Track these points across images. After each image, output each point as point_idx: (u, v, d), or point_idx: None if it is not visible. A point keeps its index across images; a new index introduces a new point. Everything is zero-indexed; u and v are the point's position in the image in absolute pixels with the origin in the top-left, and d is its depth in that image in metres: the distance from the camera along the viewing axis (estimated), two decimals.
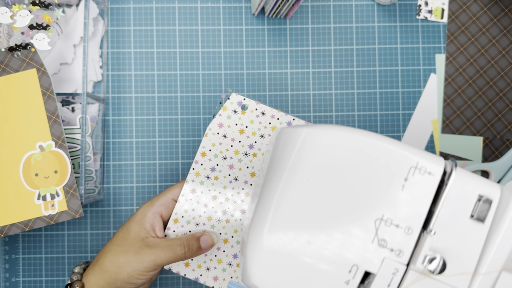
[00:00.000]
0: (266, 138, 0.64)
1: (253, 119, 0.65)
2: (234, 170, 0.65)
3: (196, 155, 0.65)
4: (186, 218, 0.64)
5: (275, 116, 0.64)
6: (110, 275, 0.59)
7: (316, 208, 0.44)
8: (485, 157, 0.75)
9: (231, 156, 0.65)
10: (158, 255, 0.58)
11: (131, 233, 0.61)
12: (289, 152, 0.46)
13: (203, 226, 0.64)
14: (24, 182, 0.64)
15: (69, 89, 0.71)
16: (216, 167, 0.65)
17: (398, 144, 0.44)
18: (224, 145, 0.65)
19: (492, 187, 0.43)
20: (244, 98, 0.65)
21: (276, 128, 0.64)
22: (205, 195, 0.65)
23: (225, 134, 0.65)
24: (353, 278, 0.43)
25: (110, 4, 0.74)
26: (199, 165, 0.65)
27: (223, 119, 0.65)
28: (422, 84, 0.75)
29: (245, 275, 0.45)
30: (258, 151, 0.65)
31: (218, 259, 0.64)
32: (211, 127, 0.65)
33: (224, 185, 0.65)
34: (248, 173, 0.65)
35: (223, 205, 0.65)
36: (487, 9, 0.76)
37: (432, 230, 0.43)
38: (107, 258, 0.60)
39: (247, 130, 0.65)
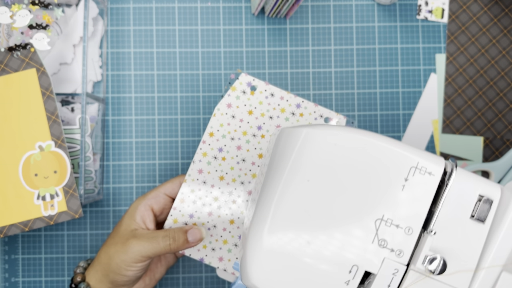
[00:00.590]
0: (275, 119, 0.64)
1: (262, 100, 0.64)
2: (242, 151, 0.64)
3: (203, 135, 0.65)
4: (192, 198, 0.64)
5: (284, 97, 0.64)
6: (104, 266, 0.60)
7: (316, 208, 0.44)
8: (486, 157, 0.75)
9: (239, 137, 0.64)
10: (143, 245, 0.58)
11: (122, 225, 0.61)
12: (289, 152, 0.46)
13: (209, 207, 0.64)
14: (24, 182, 0.64)
15: (68, 89, 0.71)
16: (223, 147, 0.64)
17: (398, 144, 0.44)
18: (232, 125, 0.64)
19: (493, 187, 0.43)
20: (254, 79, 0.64)
21: (285, 110, 0.64)
22: (211, 176, 0.64)
23: (234, 114, 0.64)
24: (353, 278, 0.43)
25: (110, 4, 0.74)
26: (206, 145, 0.64)
27: (231, 99, 0.64)
28: (422, 84, 0.75)
29: (245, 275, 0.45)
30: (266, 132, 0.64)
31: (224, 239, 0.64)
32: (220, 107, 0.64)
33: (231, 166, 0.64)
34: (256, 155, 0.64)
35: (229, 186, 0.64)
36: (488, 9, 0.76)
37: (432, 230, 0.43)
38: (102, 250, 0.61)
39: (255, 111, 0.64)
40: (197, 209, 0.64)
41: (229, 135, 0.64)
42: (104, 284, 0.60)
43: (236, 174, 0.64)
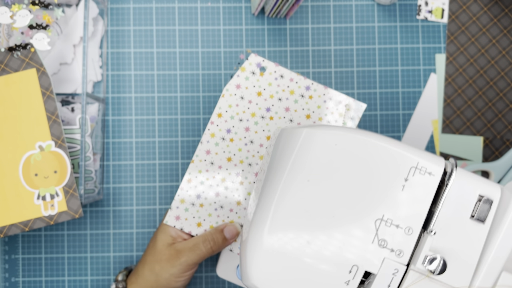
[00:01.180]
0: (284, 101, 0.64)
1: (271, 82, 0.64)
2: (250, 132, 0.64)
3: (211, 116, 0.64)
4: (200, 179, 0.64)
5: (294, 79, 0.64)
6: (151, 283, 0.62)
7: (316, 208, 0.44)
8: (485, 157, 0.75)
9: (248, 119, 0.64)
10: (188, 256, 0.61)
11: (157, 241, 0.64)
12: (289, 152, 0.46)
13: (216, 188, 0.64)
14: (24, 182, 0.64)
15: (68, 89, 0.71)
16: (232, 128, 0.64)
17: (398, 144, 0.44)
18: (241, 106, 0.64)
19: (493, 187, 0.43)
20: (263, 60, 0.64)
21: (294, 92, 0.64)
22: (219, 157, 0.64)
23: (242, 95, 0.64)
24: (353, 278, 0.43)
25: (110, 4, 0.74)
26: (214, 126, 0.64)
27: (241, 80, 0.64)
28: (422, 84, 0.75)
29: (245, 275, 0.45)
30: (275, 114, 0.64)
31: (231, 220, 0.64)
32: (228, 88, 0.64)
33: (239, 148, 0.64)
34: (264, 136, 0.64)
35: (237, 167, 0.64)
36: (487, 9, 0.76)
37: (432, 230, 0.43)
38: (144, 268, 0.63)
39: (264, 93, 0.64)
40: (204, 189, 0.64)
41: (238, 116, 0.64)
42: None
43: (244, 156, 0.64)
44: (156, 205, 0.74)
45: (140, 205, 0.74)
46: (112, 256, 0.73)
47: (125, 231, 0.74)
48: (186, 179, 0.64)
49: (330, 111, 0.64)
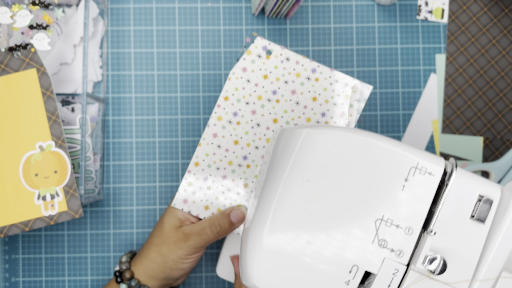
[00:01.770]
0: (290, 84, 0.64)
1: (277, 65, 0.64)
2: (257, 115, 0.64)
3: (218, 99, 0.64)
4: (207, 162, 0.64)
5: (300, 62, 0.64)
6: (158, 265, 0.63)
7: (317, 208, 0.44)
8: (485, 157, 0.75)
9: (254, 102, 0.64)
10: (195, 240, 0.62)
11: (165, 224, 0.64)
12: (289, 152, 0.46)
13: (223, 171, 0.64)
14: (24, 182, 0.64)
15: (69, 89, 0.71)
16: (238, 112, 0.64)
17: (398, 145, 0.44)
18: (247, 89, 0.64)
19: (493, 187, 0.43)
20: (269, 43, 0.64)
21: (300, 74, 0.64)
22: (226, 140, 0.64)
23: (249, 78, 0.64)
24: (353, 278, 0.43)
25: (110, 4, 0.74)
26: (221, 109, 0.64)
27: (247, 63, 0.64)
28: (422, 84, 0.75)
29: (245, 276, 0.45)
30: (281, 97, 0.64)
31: (238, 203, 0.64)
32: (235, 71, 0.64)
33: (246, 131, 0.64)
34: (271, 119, 0.64)
35: (244, 151, 0.64)
36: (487, 9, 0.76)
37: (432, 231, 0.43)
38: (151, 250, 0.64)
39: (270, 76, 0.64)
40: (212, 172, 0.64)
41: (244, 100, 0.64)
42: (156, 280, 0.64)
43: (251, 139, 0.64)
44: (156, 205, 0.74)
45: (140, 205, 0.74)
46: (112, 256, 0.74)
47: (125, 231, 0.74)
48: (193, 162, 0.64)
49: (336, 93, 0.63)
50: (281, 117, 0.64)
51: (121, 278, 0.65)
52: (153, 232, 0.65)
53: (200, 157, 0.64)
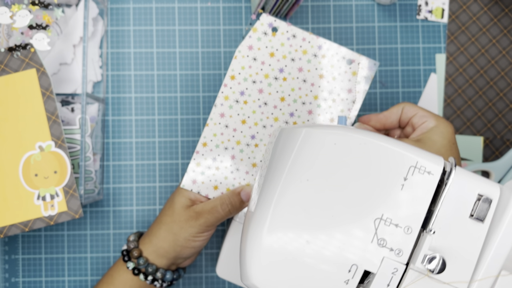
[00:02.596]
0: (297, 61, 0.63)
1: (284, 42, 0.63)
2: (264, 94, 0.64)
3: (224, 78, 0.64)
4: (215, 142, 0.64)
5: (306, 39, 0.63)
6: (169, 243, 0.64)
7: (316, 207, 0.44)
8: (486, 157, 0.75)
9: (261, 80, 0.64)
10: (206, 218, 0.62)
11: (175, 203, 0.64)
12: (288, 151, 0.46)
13: (231, 150, 0.64)
14: (24, 183, 0.64)
15: (68, 89, 0.71)
16: (245, 91, 0.64)
17: (398, 144, 0.44)
18: (254, 68, 0.64)
19: (492, 186, 0.43)
20: (275, 20, 0.63)
21: (307, 51, 0.63)
22: (234, 120, 0.64)
23: (255, 57, 0.64)
24: (352, 277, 0.43)
25: (110, 4, 0.74)
26: (228, 89, 0.64)
27: (253, 41, 0.63)
28: (422, 84, 0.75)
29: (244, 275, 0.45)
30: (288, 75, 0.63)
31: (247, 183, 0.64)
32: (241, 49, 0.63)
33: (253, 110, 0.64)
34: (278, 98, 0.64)
35: (252, 130, 0.64)
36: (488, 9, 0.76)
37: (431, 230, 0.43)
38: (161, 229, 0.64)
39: (277, 53, 0.63)
40: (220, 152, 0.64)
41: (251, 78, 0.64)
42: (165, 259, 0.65)
43: (258, 118, 0.64)
44: (156, 205, 0.74)
45: (140, 205, 0.74)
46: (112, 256, 0.74)
47: (125, 231, 0.74)
48: (201, 142, 0.64)
49: (343, 70, 0.63)
50: (288, 95, 0.63)
51: (128, 256, 0.65)
52: (163, 212, 0.65)
53: (208, 138, 0.64)
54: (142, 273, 0.64)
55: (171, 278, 0.66)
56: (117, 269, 0.66)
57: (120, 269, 0.66)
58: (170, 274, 0.65)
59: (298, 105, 0.64)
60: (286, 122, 0.64)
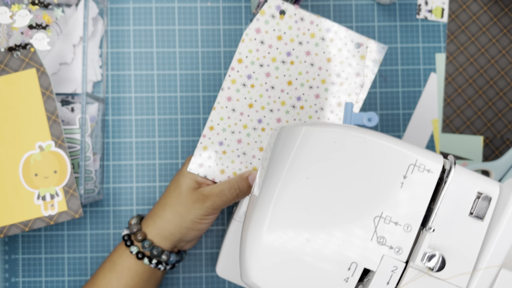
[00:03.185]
0: (304, 45, 0.62)
1: (292, 25, 0.62)
2: (271, 78, 0.63)
3: (232, 61, 0.63)
4: (222, 126, 0.64)
5: (314, 22, 0.62)
6: (174, 225, 0.63)
7: (315, 206, 0.44)
8: (486, 157, 0.75)
9: (268, 64, 0.63)
10: (214, 201, 0.62)
11: (182, 186, 0.64)
12: (288, 149, 0.46)
13: (238, 134, 0.64)
14: (24, 182, 0.64)
15: (68, 89, 0.71)
16: (252, 74, 0.63)
17: (397, 142, 0.44)
18: (261, 51, 0.63)
19: (491, 184, 0.43)
20: (283, 2, 0.62)
21: (315, 35, 0.62)
22: (240, 103, 0.63)
23: (263, 40, 0.63)
24: (352, 275, 0.43)
25: (110, 4, 0.74)
26: (235, 72, 0.63)
27: (260, 24, 0.63)
28: (422, 84, 0.75)
29: (244, 273, 0.45)
30: (295, 58, 0.63)
31: (253, 167, 0.64)
32: (248, 33, 0.63)
33: (260, 93, 0.63)
34: (285, 82, 0.63)
35: (259, 114, 0.63)
36: (487, 9, 0.76)
37: (431, 228, 0.43)
38: (166, 211, 0.64)
39: (285, 37, 0.63)
40: (227, 136, 0.64)
41: (258, 62, 0.63)
42: (169, 242, 0.64)
43: (265, 102, 0.63)
44: None
45: (140, 205, 0.74)
46: None
47: None
48: (208, 126, 0.64)
49: (351, 53, 0.63)
50: (296, 79, 0.63)
51: (130, 241, 0.64)
52: (168, 194, 0.65)
53: (214, 121, 0.64)
54: (146, 257, 0.64)
55: (175, 260, 0.65)
56: (118, 255, 0.65)
57: (122, 254, 0.65)
58: (174, 256, 0.65)
59: (305, 89, 0.63)
60: (293, 106, 0.63)
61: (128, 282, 0.64)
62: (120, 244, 0.66)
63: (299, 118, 0.63)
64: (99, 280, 0.65)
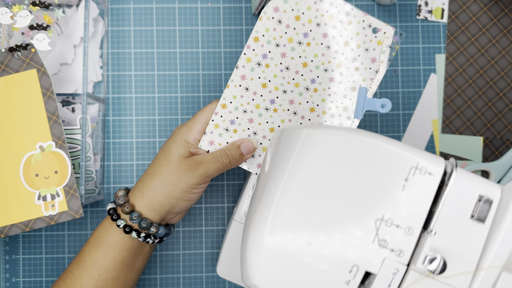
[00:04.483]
0: (322, 27, 0.61)
1: (311, 6, 0.61)
2: (286, 58, 0.62)
3: (248, 40, 0.62)
4: (234, 104, 0.63)
5: (334, 4, 0.61)
6: (164, 195, 0.61)
7: (317, 208, 0.44)
8: (485, 157, 0.75)
9: (284, 44, 0.62)
10: (207, 167, 0.60)
11: (173, 154, 0.61)
12: (290, 152, 0.46)
13: (250, 114, 0.63)
14: (25, 183, 0.64)
15: (69, 90, 0.71)
16: (268, 54, 0.62)
17: (399, 145, 0.44)
18: (278, 31, 0.61)
19: (493, 187, 0.43)
20: None
21: (333, 17, 0.61)
22: (254, 83, 0.62)
23: (280, 19, 0.61)
24: (353, 278, 0.43)
25: (110, 4, 0.74)
26: (250, 51, 0.62)
27: (279, 2, 0.61)
28: (422, 84, 0.75)
29: (245, 275, 0.45)
30: (312, 40, 0.62)
31: (263, 147, 0.63)
32: (266, 11, 0.61)
33: (274, 74, 0.62)
34: (300, 63, 0.62)
35: (272, 94, 0.62)
36: (487, 9, 0.76)
37: (432, 230, 0.43)
38: (156, 180, 0.61)
39: (303, 17, 0.61)
40: (238, 115, 0.63)
41: (274, 41, 0.62)
42: (158, 213, 0.61)
43: (279, 82, 0.62)
44: None
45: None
46: None
47: None
48: (221, 104, 0.63)
49: (368, 38, 0.62)
50: (311, 61, 0.62)
51: (117, 214, 0.61)
52: (157, 162, 0.62)
53: (227, 99, 0.63)
54: (134, 230, 0.60)
55: (164, 233, 0.63)
56: (104, 230, 0.62)
57: (108, 229, 0.61)
58: (163, 228, 0.63)
59: (320, 72, 0.62)
60: (307, 89, 0.62)
61: (116, 258, 0.61)
62: (106, 218, 0.63)
63: (312, 101, 0.62)
64: (85, 258, 0.61)
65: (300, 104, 0.62)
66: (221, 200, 0.75)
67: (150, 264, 0.74)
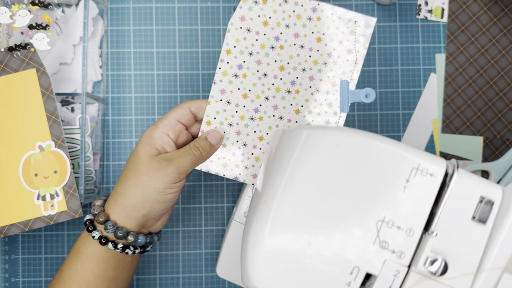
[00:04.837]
0: (292, 27, 0.61)
1: (276, 8, 0.61)
2: (262, 65, 0.62)
3: (221, 54, 0.62)
4: (219, 120, 0.62)
5: (299, 2, 0.61)
6: (137, 199, 0.57)
7: (318, 209, 0.44)
8: (485, 157, 0.75)
9: (257, 51, 0.61)
10: (179, 162, 0.57)
11: (141, 154, 0.58)
12: (290, 153, 0.46)
13: (236, 126, 0.62)
14: (24, 182, 0.64)
15: (68, 89, 0.71)
16: (243, 64, 0.62)
17: (400, 146, 0.44)
18: (249, 39, 0.61)
19: (494, 188, 0.43)
20: None
21: (301, 16, 0.61)
22: (235, 95, 0.62)
23: (249, 27, 0.61)
24: (354, 279, 0.43)
25: (110, 4, 0.74)
26: (225, 64, 0.62)
27: (244, 11, 0.61)
28: (422, 84, 0.75)
29: (246, 276, 0.45)
30: (284, 42, 0.61)
31: (255, 157, 0.63)
32: (233, 22, 0.61)
33: (253, 82, 0.62)
34: (277, 67, 0.62)
35: (254, 103, 0.62)
36: (487, 9, 0.76)
37: (433, 232, 0.43)
38: (126, 185, 0.58)
39: (270, 21, 0.61)
40: (225, 129, 0.62)
41: (247, 50, 0.62)
42: (134, 221, 0.58)
43: (260, 90, 0.62)
44: None
45: None
46: None
47: None
48: (205, 121, 0.62)
49: (340, 30, 0.61)
50: (287, 64, 0.62)
51: (93, 226, 0.58)
52: (127, 166, 0.59)
53: (211, 116, 0.62)
54: (110, 241, 0.57)
55: (144, 241, 0.59)
56: (81, 242, 0.59)
57: (85, 242, 0.58)
58: (142, 237, 0.59)
59: (299, 73, 0.62)
60: (288, 91, 0.62)
61: (95, 271, 0.58)
62: (84, 230, 0.60)
63: (295, 103, 0.62)
64: (65, 272, 0.59)
65: (284, 108, 0.62)
66: (220, 200, 0.75)
67: (149, 264, 0.74)
